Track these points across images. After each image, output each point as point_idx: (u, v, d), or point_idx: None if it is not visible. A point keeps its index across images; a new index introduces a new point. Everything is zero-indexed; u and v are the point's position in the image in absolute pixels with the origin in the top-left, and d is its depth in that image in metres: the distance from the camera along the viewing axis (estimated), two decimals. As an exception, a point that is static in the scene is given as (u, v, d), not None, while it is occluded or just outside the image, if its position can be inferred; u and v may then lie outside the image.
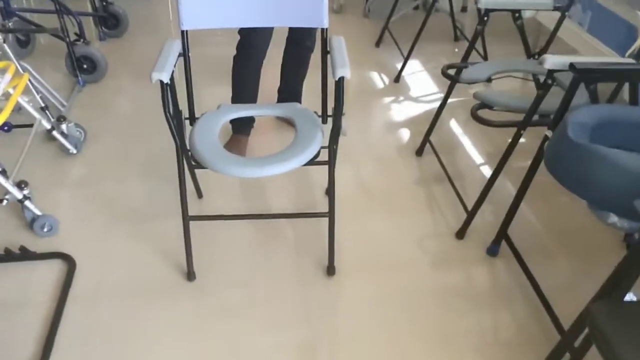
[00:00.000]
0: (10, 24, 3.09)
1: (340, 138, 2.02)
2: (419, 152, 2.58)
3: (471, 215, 2.08)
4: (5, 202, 2.01)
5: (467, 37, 3.43)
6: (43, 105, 2.46)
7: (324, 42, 1.78)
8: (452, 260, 2.03)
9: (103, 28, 3.60)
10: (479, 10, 2.53)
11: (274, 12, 1.78)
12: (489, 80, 2.14)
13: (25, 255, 1.99)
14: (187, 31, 1.78)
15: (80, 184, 2.38)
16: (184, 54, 1.79)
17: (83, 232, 2.13)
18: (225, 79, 2.40)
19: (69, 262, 1.98)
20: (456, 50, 3.63)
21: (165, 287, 1.91)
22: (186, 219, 1.83)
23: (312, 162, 1.69)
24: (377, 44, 3.65)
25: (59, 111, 2.77)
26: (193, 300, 1.85)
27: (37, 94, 2.42)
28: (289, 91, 2.61)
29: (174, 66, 1.68)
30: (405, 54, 3.24)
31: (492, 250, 2.03)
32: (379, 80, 3.28)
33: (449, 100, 2.43)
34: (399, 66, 3.30)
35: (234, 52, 2.30)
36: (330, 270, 1.94)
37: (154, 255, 2.02)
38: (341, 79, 1.57)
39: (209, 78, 3.07)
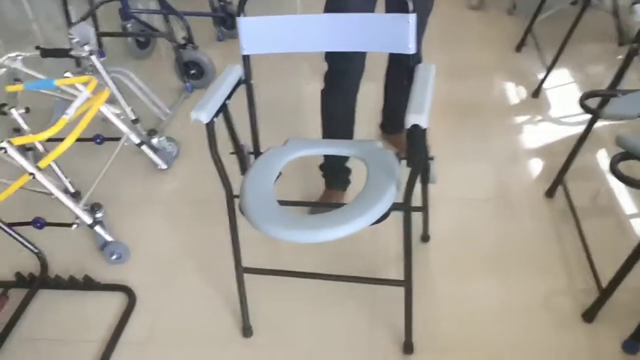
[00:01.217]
0: (129, 26, 3.09)
1: (430, 185, 1.65)
2: (550, 192, 2.08)
3: (605, 295, 1.58)
4: (75, 226, 1.93)
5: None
6: (134, 117, 2.37)
7: (410, 71, 1.41)
8: (574, 351, 1.56)
9: (222, 28, 3.49)
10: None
11: (350, 34, 1.44)
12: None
13: (88, 285, 1.89)
14: (249, 56, 1.52)
15: (163, 205, 2.25)
16: (247, 82, 1.54)
17: (153, 263, 1.99)
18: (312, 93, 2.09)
19: (130, 298, 1.85)
20: (619, 57, 2.97)
21: (220, 341, 1.70)
22: (240, 270, 1.59)
23: (381, 221, 1.34)
24: (519, 47, 3.09)
25: (160, 121, 2.68)
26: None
27: (128, 106, 2.33)
28: (393, 116, 2.25)
29: (228, 98, 1.43)
30: (549, 61, 2.69)
31: (630, 347, 1.53)
32: (514, 93, 2.76)
33: (597, 125, 1.90)
34: (541, 77, 2.75)
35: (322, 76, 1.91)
36: (407, 348, 1.58)
37: (217, 301, 1.82)
38: (415, 128, 1.20)
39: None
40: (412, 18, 1.35)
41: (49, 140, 1.87)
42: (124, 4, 3.00)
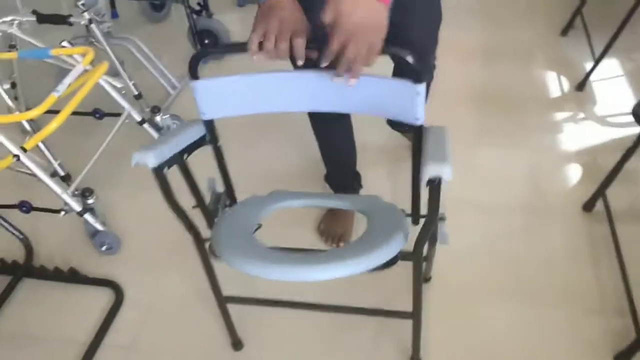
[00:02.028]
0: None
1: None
2: (589, 206, 1.86)
3: (642, 338, 1.39)
4: (63, 213, 1.78)
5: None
6: (137, 92, 2.20)
7: (418, 137, 1.15)
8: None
9: (245, -7, 3.26)
10: None
11: (340, 97, 1.17)
12: None
13: (73, 277, 1.76)
14: (213, 120, 1.27)
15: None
16: (213, 144, 1.31)
17: (145, 257, 1.85)
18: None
19: (117, 294, 1.72)
20: (678, 48, 2.67)
21: (209, 352, 1.56)
22: (220, 300, 1.43)
23: (387, 266, 1.13)
24: (565, 31, 2.80)
25: (167, 94, 2.50)
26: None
27: (130, 80, 2.15)
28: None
29: (187, 152, 1.23)
30: (599, 49, 2.40)
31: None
32: (556, 84, 2.49)
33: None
34: (588, 67, 2.47)
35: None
36: (414, 382, 1.42)
37: (210, 305, 1.66)
38: (435, 181, 0.98)
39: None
40: (421, 89, 1.06)
41: (48, 112, 1.70)
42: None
